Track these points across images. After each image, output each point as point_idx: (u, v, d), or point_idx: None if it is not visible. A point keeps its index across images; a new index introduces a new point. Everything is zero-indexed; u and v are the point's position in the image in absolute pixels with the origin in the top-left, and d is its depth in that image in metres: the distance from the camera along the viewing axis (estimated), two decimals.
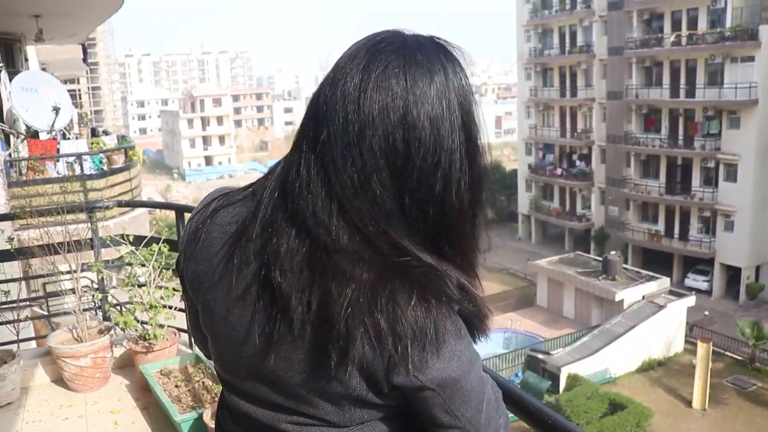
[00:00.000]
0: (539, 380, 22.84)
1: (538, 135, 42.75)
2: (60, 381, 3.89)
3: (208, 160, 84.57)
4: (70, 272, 4.00)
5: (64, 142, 10.37)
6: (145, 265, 3.93)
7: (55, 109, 10.13)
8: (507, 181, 47.02)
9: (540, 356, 23.88)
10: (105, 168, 10.67)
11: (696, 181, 32.68)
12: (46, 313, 6.37)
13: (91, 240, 4.35)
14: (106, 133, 13.46)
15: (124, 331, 4.06)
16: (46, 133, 10.29)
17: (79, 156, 10.19)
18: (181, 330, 4.12)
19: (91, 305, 4.63)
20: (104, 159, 10.74)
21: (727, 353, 25.00)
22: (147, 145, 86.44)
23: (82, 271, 4.17)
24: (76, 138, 11.15)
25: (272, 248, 0.88)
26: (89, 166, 10.31)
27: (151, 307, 3.80)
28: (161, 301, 3.87)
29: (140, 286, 3.94)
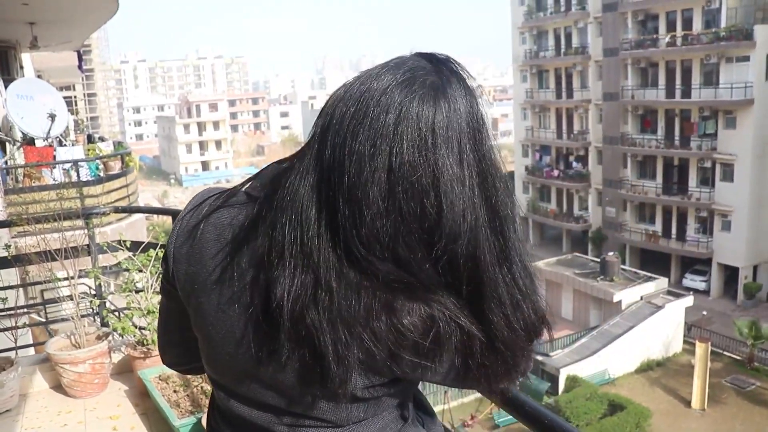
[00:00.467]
0: (538, 381, 22.82)
1: (534, 137, 42.81)
2: (59, 387, 3.89)
3: (205, 165, 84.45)
4: (67, 279, 4.00)
5: (61, 149, 10.36)
6: (142, 271, 3.93)
7: (51, 116, 10.11)
8: None
9: (539, 358, 23.86)
10: (101, 174, 10.64)
11: (693, 182, 32.73)
12: (44, 320, 6.34)
13: (88, 246, 4.34)
14: (103, 140, 13.42)
15: (122, 337, 4.05)
16: (43, 140, 10.27)
17: (76, 162, 10.18)
18: None
19: (89, 311, 4.63)
20: (101, 165, 10.72)
21: (726, 353, 25.00)
22: (144, 150, 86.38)
23: (80, 277, 4.16)
24: (73, 145, 11.16)
25: (275, 271, 0.84)
26: (86, 173, 10.30)
27: (148, 313, 3.79)
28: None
29: (138, 292, 3.93)
